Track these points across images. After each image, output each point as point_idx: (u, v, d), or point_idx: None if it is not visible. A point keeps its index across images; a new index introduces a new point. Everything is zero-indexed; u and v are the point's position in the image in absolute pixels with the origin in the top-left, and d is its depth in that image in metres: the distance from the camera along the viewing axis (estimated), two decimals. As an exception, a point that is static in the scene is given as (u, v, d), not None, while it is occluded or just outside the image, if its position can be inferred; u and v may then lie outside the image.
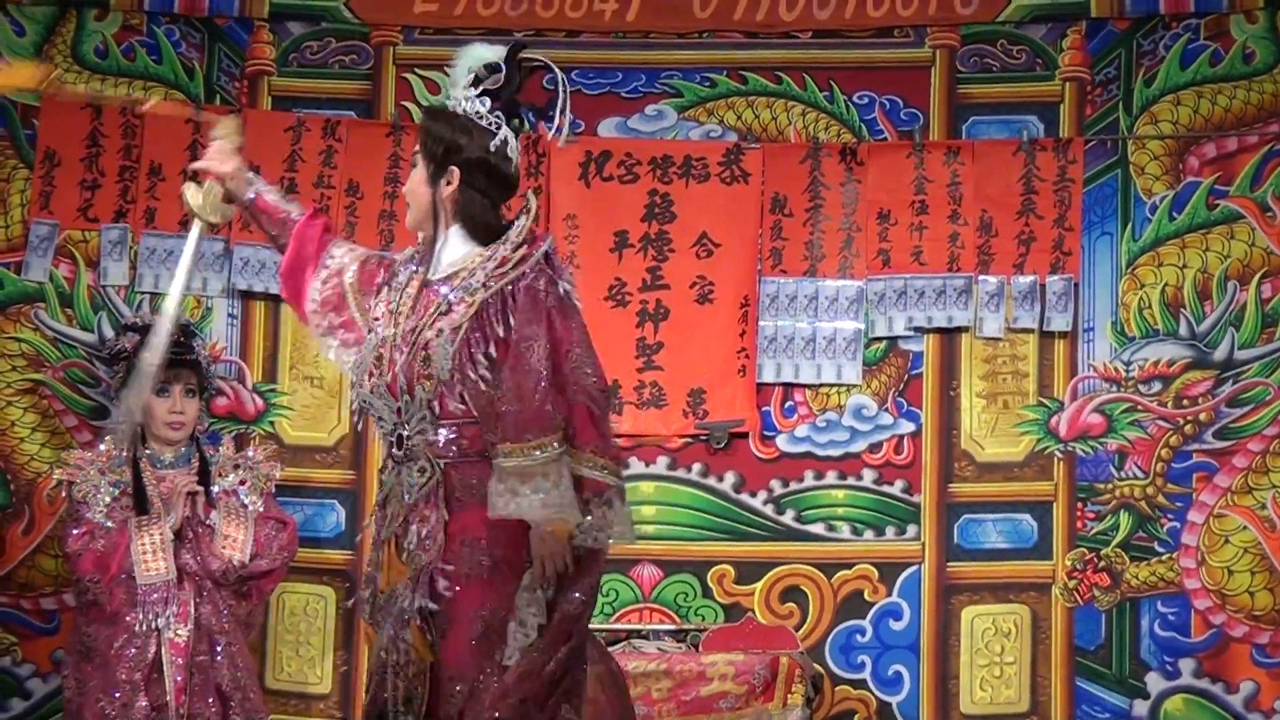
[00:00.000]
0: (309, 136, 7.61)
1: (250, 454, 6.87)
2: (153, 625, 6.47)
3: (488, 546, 4.76)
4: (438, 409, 4.76)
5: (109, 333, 7.42)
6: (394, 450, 4.81)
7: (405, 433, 4.79)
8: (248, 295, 7.61)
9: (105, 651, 6.47)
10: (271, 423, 7.55)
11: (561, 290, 4.84)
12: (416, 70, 7.75)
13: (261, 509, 6.73)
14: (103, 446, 6.77)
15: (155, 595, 6.48)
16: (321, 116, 7.66)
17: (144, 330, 6.74)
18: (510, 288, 4.80)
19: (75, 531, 6.57)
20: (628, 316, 7.66)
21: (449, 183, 4.87)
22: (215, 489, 6.67)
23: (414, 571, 4.74)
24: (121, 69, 7.63)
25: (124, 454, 6.64)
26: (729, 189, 7.70)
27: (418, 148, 4.94)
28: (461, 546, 4.75)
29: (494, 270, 4.83)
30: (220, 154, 5.18)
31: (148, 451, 6.71)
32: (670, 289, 7.68)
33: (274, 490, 6.86)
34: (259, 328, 7.61)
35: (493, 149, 4.89)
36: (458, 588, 4.73)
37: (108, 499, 6.57)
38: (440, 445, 4.78)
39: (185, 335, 6.79)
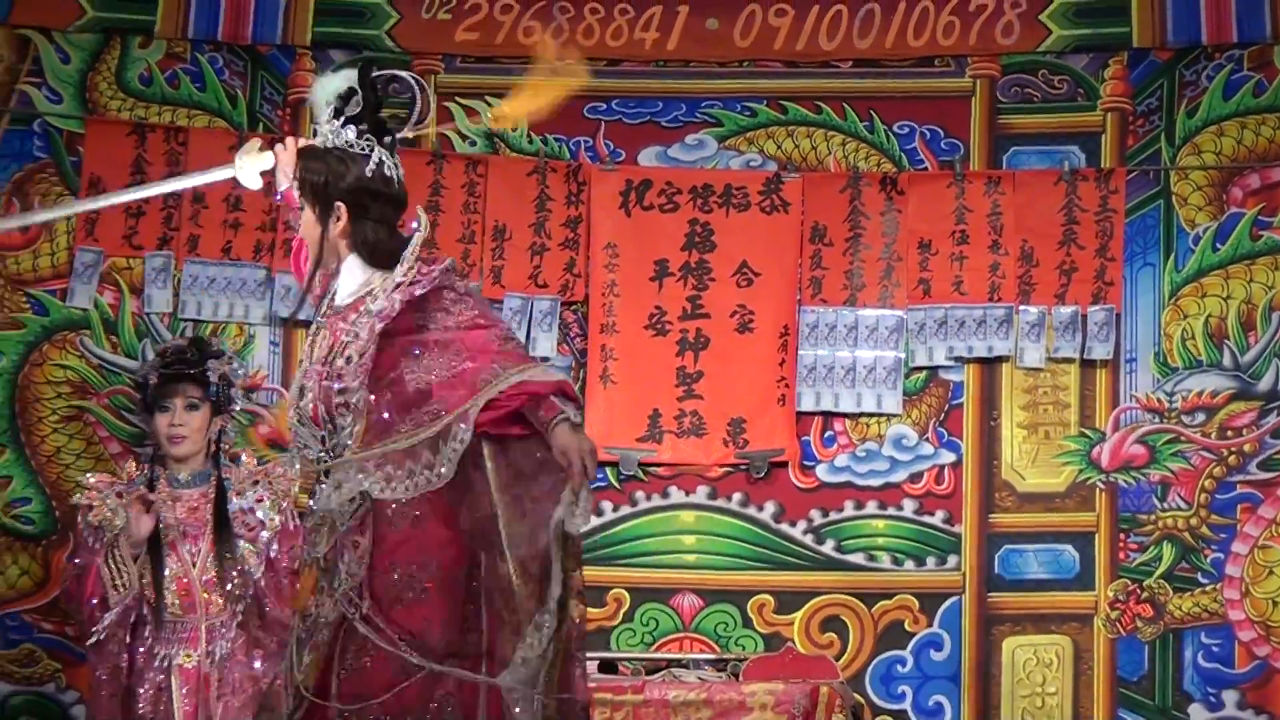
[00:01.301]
0: (351, 164, 7.61)
1: (272, 468, 6.83)
2: (155, 653, 6.48)
3: (419, 571, 4.75)
4: (358, 435, 4.74)
5: (154, 360, 7.46)
6: (322, 476, 4.76)
7: (330, 459, 4.76)
8: (289, 323, 7.62)
9: (111, 684, 6.47)
10: (313, 448, 7.55)
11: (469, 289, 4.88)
12: (458, 99, 7.67)
13: (279, 524, 6.67)
14: (125, 470, 6.76)
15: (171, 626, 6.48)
16: (363, 144, 7.66)
17: (162, 353, 6.71)
18: (408, 295, 4.76)
19: (60, 580, 6.60)
20: (668, 345, 7.66)
21: (338, 219, 4.80)
22: (232, 507, 6.61)
23: (341, 592, 4.72)
24: (166, 96, 7.66)
25: (144, 474, 6.64)
26: (769, 218, 7.70)
27: (297, 191, 4.85)
28: (391, 569, 4.74)
29: (392, 290, 4.82)
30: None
31: (167, 472, 6.69)
32: (710, 318, 7.68)
33: (293, 508, 6.79)
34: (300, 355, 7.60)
35: (370, 174, 4.80)
36: (391, 611, 4.72)
37: (120, 524, 6.55)
38: None
39: (197, 352, 6.73)
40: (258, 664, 6.48)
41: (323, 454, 4.77)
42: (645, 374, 7.62)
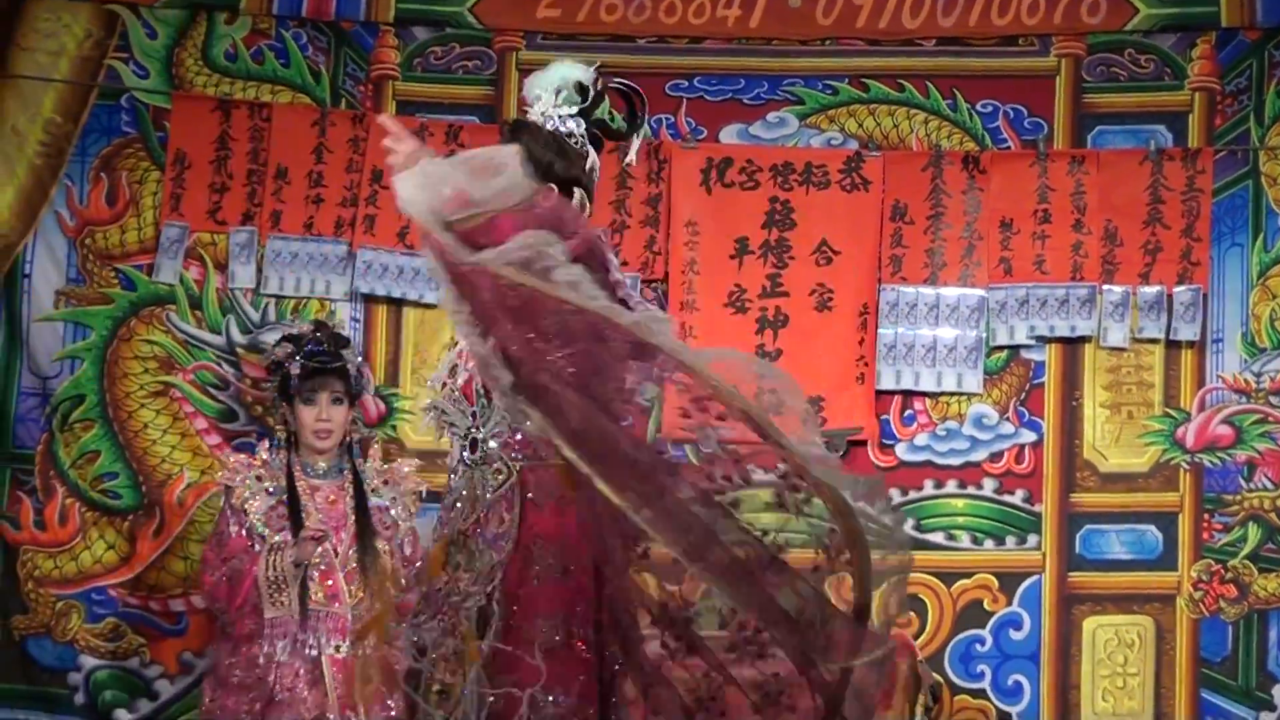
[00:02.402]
0: (432, 141, 7.60)
1: (399, 467, 6.89)
2: (298, 640, 6.54)
3: (559, 550, 4.76)
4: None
5: (237, 336, 7.50)
6: (466, 454, 4.76)
7: (480, 436, 4.76)
8: (370, 299, 7.63)
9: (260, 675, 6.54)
10: (393, 426, 7.57)
11: None
12: (539, 76, 7.76)
13: (413, 526, 6.77)
14: (259, 452, 6.83)
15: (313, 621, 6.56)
16: (445, 121, 7.68)
17: (296, 340, 6.79)
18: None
19: (206, 574, 6.66)
20: (747, 323, 7.65)
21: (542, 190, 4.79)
22: (371, 504, 6.71)
23: (480, 569, 4.73)
24: (250, 72, 7.67)
25: (280, 459, 6.71)
26: (849, 196, 7.68)
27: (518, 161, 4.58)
28: (533, 548, 4.76)
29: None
30: None
31: (301, 460, 6.76)
32: (790, 296, 7.67)
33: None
34: (381, 331, 7.63)
35: (588, 170, 4.81)
36: (530, 587, 4.74)
37: (264, 507, 6.62)
38: (516, 446, 4.79)
39: (333, 343, 6.82)
40: (394, 650, 6.56)
41: (472, 429, 4.76)
42: (724, 351, 7.60)
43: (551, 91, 4.77)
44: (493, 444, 4.74)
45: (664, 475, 4.36)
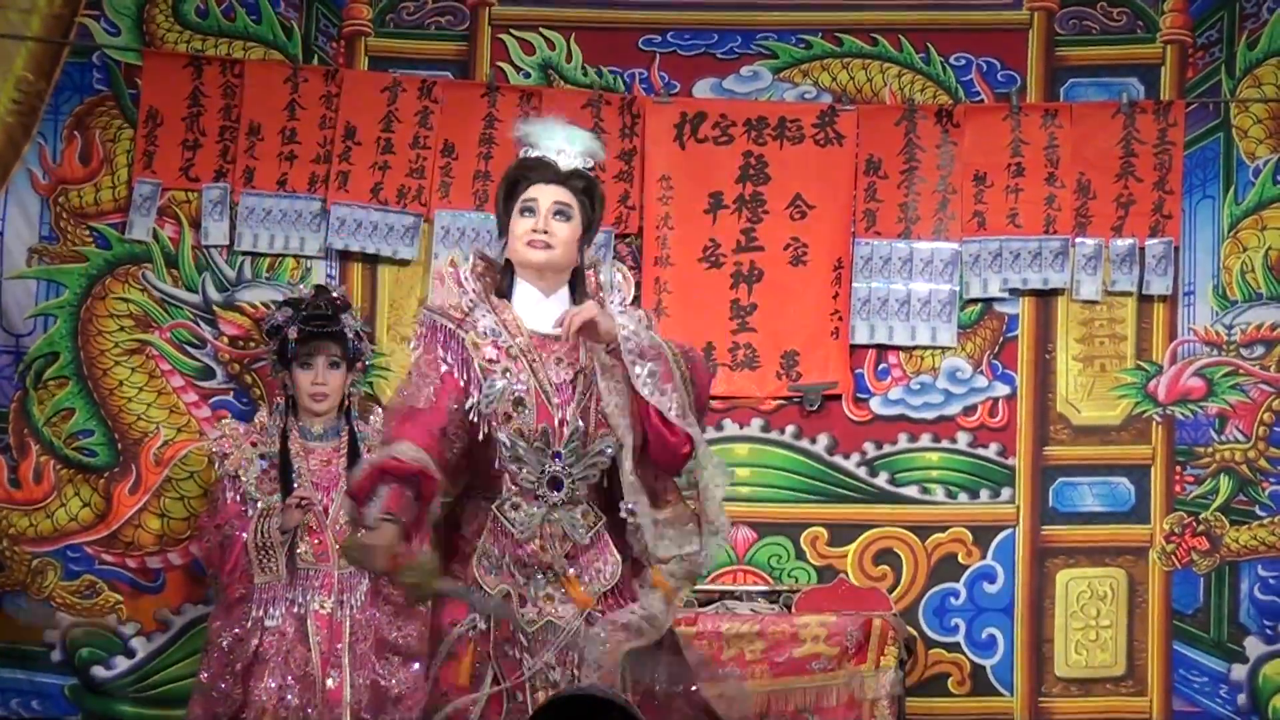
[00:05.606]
0: (405, 97, 7.62)
1: None
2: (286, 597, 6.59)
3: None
4: (611, 459, 4.86)
5: (214, 294, 7.50)
6: (545, 491, 4.83)
7: (568, 476, 4.84)
8: (345, 255, 7.63)
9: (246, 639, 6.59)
10: (370, 383, 7.56)
11: None
12: (512, 31, 7.76)
13: None
14: (257, 418, 6.86)
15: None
16: (418, 77, 7.66)
17: (296, 304, 6.80)
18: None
19: (201, 540, 6.72)
20: (722, 278, 7.66)
21: (586, 250, 4.98)
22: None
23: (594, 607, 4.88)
24: (222, 29, 7.65)
25: (276, 425, 6.74)
26: (823, 151, 7.68)
27: (573, 204, 4.91)
28: (628, 587, 4.92)
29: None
30: None
31: (299, 424, 6.80)
32: (764, 250, 7.67)
33: None
34: (356, 288, 7.61)
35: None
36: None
37: (257, 471, 6.67)
38: (598, 493, 4.91)
39: (331, 306, 6.83)
40: (383, 615, 6.62)
41: (559, 470, 4.84)
42: (699, 307, 7.62)
43: (577, 149, 4.95)
44: (580, 487, 4.86)
45: None
